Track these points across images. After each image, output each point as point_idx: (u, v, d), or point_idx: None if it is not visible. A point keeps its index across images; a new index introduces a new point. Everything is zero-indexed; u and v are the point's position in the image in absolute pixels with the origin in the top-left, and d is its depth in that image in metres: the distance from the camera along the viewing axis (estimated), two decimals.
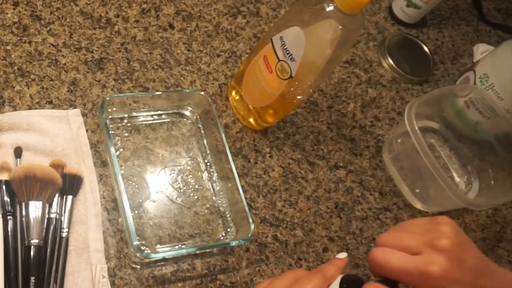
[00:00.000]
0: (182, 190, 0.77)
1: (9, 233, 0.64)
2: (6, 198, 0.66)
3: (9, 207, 0.66)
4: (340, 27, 0.69)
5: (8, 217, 0.65)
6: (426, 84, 1.07)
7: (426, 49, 1.10)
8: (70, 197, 0.69)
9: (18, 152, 0.70)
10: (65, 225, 0.67)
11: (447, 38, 1.16)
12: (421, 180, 0.88)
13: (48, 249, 0.65)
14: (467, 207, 0.84)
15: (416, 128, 0.81)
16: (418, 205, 0.91)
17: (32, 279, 0.62)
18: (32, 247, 0.63)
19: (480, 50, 1.12)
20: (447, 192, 0.80)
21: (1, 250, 0.63)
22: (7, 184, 0.66)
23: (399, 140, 0.91)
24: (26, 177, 0.66)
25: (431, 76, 1.08)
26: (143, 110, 0.79)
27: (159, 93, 0.82)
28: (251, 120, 0.85)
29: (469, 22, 1.21)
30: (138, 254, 0.68)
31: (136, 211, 0.73)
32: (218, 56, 0.91)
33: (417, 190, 0.90)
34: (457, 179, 0.97)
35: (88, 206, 0.71)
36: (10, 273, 0.62)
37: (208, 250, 0.74)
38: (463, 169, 0.98)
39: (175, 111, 0.82)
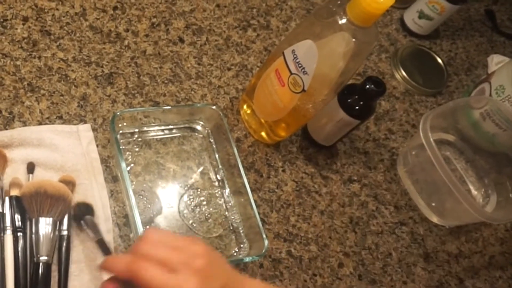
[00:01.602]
0: (194, 205, 0.75)
1: (19, 249, 0.63)
2: (17, 214, 0.65)
3: (20, 223, 0.65)
4: (353, 39, 0.68)
5: (18, 233, 0.64)
6: (440, 96, 1.06)
7: (439, 60, 1.09)
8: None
9: (30, 168, 0.69)
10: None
11: (461, 49, 1.14)
12: (437, 193, 0.87)
13: (62, 267, 0.64)
14: (485, 221, 0.82)
15: (432, 140, 0.80)
16: (435, 219, 0.89)
17: None
18: (40, 263, 0.62)
19: (495, 61, 1.10)
20: (464, 205, 0.78)
21: (11, 266, 0.62)
22: (17, 200, 0.66)
23: (413, 153, 0.90)
24: (37, 193, 0.65)
25: (445, 88, 1.07)
26: (153, 124, 0.79)
27: (170, 107, 0.81)
28: (263, 134, 0.84)
29: (482, 33, 1.19)
30: None
31: (147, 227, 0.71)
32: (229, 69, 0.90)
33: (433, 204, 0.88)
34: (474, 192, 0.95)
35: (99, 222, 0.70)
36: None
37: None
38: (480, 182, 0.96)
39: (186, 125, 0.81)
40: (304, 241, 0.80)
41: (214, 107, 0.79)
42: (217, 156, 0.80)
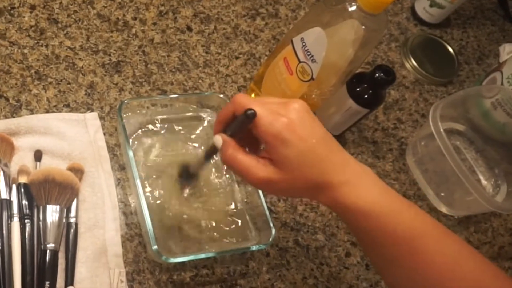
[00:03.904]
0: (201, 194, 0.75)
1: (26, 237, 0.63)
2: (25, 201, 0.65)
3: (27, 210, 0.65)
4: (363, 27, 0.68)
5: (26, 220, 0.64)
6: (450, 85, 1.05)
7: (450, 49, 1.08)
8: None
9: (38, 156, 0.70)
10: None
11: (472, 38, 1.13)
12: (447, 183, 0.86)
13: (69, 254, 0.65)
14: (495, 211, 0.82)
15: (441, 130, 0.79)
16: (443, 209, 0.88)
17: (47, 283, 0.61)
18: (48, 251, 0.62)
19: (507, 50, 1.09)
20: (474, 195, 0.78)
21: (18, 253, 0.62)
22: (25, 187, 0.66)
23: (423, 143, 0.89)
24: (46, 181, 0.65)
25: (456, 77, 1.06)
26: (161, 113, 0.78)
27: (177, 96, 0.81)
28: None
29: (494, 21, 1.18)
30: (157, 259, 0.66)
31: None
32: (237, 58, 0.90)
33: (442, 194, 0.88)
34: (484, 182, 0.94)
35: (106, 210, 0.70)
36: (26, 277, 0.61)
37: (228, 255, 0.73)
38: (490, 172, 0.95)
39: (194, 114, 0.81)
40: (311, 230, 0.79)
41: (221, 95, 0.79)
42: None
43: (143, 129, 0.77)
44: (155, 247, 0.64)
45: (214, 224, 0.74)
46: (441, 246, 0.54)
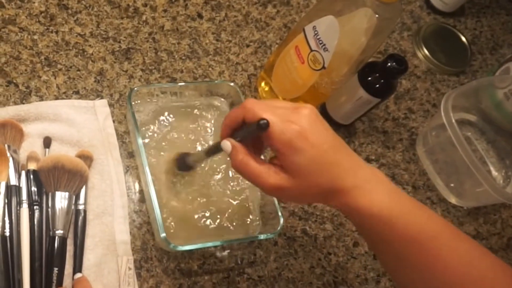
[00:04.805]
0: (210, 182, 0.75)
1: (35, 223, 0.64)
2: (34, 188, 0.65)
3: (36, 197, 0.65)
4: (376, 16, 0.67)
5: (35, 207, 0.65)
6: (463, 75, 1.03)
7: (463, 39, 1.07)
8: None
9: (47, 142, 0.70)
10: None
11: (486, 28, 1.12)
12: (457, 174, 0.85)
13: (78, 241, 0.65)
14: (505, 202, 0.81)
15: (453, 120, 0.78)
16: (453, 200, 0.88)
17: (55, 270, 0.61)
18: (56, 237, 0.63)
19: None
20: (484, 186, 0.77)
21: (27, 240, 0.62)
22: (35, 174, 0.66)
23: (434, 133, 0.88)
24: (55, 168, 0.66)
25: (469, 67, 1.05)
26: (170, 101, 0.78)
27: (187, 84, 0.81)
28: None
29: (509, 11, 1.16)
30: (164, 247, 0.66)
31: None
32: (248, 46, 0.89)
33: (452, 184, 0.87)
34: (494, 173, 0.93)
35: (114, 197, 0.70)
36: (35, 263, 0.61)
37: (235, 244, 0.73)
38: (501, 163, 0.94)
39: (203, 102, 0.80)
40: (319, 219, 0.79)
41: (231, 84, 0.78)
42: None
43: (152, 117, 0.76)
44: (163, 235, 0.64)
45: (222, 212, 0.74)
46: (454, 247, 0.54)
